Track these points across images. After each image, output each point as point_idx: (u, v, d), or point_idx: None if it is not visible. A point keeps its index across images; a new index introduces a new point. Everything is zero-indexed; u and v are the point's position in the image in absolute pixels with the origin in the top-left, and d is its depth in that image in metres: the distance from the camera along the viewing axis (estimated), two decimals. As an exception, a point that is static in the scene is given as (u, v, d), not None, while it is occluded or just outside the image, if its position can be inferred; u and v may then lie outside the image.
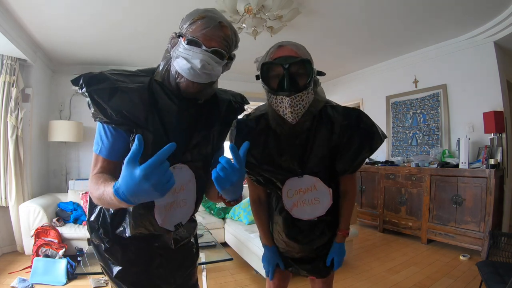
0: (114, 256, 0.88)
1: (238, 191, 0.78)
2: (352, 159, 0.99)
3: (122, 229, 0.86)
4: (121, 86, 0.75)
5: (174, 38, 0.80)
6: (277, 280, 1.34)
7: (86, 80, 0.73)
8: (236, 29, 0.83)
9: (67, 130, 3.38)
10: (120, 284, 0.87)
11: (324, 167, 0.99)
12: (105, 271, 0.91)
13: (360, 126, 0.96)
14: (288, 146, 0.97)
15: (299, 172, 0.99)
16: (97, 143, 0.80)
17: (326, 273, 1.19)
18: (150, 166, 0.56)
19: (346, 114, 0.97)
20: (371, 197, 3.97)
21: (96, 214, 0.89)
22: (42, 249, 2.52)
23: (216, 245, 2.30)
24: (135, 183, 0.56)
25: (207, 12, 0.77)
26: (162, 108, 0.80)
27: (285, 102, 0.85)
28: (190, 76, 0.76)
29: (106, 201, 0.66)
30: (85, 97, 0.74)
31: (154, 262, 0.91)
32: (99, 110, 0.73)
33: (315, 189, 1.01)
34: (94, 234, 0.89)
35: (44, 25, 2.70)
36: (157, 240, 0.91)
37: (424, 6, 2.57)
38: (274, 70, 0.86)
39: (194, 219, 1.05)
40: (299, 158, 0.98)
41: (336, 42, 3.40)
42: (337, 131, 0.96)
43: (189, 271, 1.03)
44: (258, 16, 2.45)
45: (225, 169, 0.70)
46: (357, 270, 2.61)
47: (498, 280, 1.55)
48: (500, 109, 3.01)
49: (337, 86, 5.07)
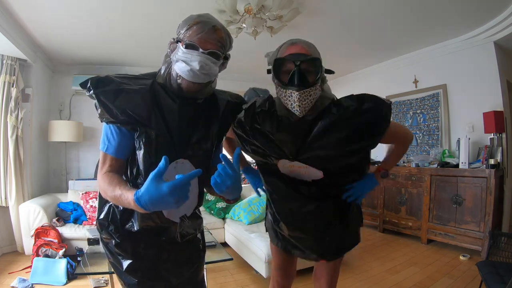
0: (125, 250, 0.93)
1: (235, 192, 0.84)
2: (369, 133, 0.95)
3: (131, 223, 0.91)
4: (125, 87, 0.82)
5: (173, 44, 0.87)
6: (281, 279, 1.35)
7: (93, 83, 0.80)
8: (229, 31, 0.90)
9: (67, 130, 3.38)
10: (131, 278, 0.92)
11: (315, 157, 0.99)
12: (114, 267, 0.95)
13: (365, 105, 0.94)
14: (288, 134, 0.99)
15: (290, 158, 1.02)
16: (103, 142, 0.86)
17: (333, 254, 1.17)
18: (176, 185, 0.67)
19: (347, 101, 0.96)
20: (371, 197, 3.97)
21: (105, 212, 0.94)
22: (42, 249, 2.52)
23: (216, 245, 2.30)
24: (159, 196, 0.67)
25: (201, 17, 0.84)
26: (164, 107, 0.86)
27: (294, 96, 0.88)
28: (190, 77, 0.83)
29: (122, 203, 0.76)
30: (92, 99, 0.81)
31: (162, 256, 0.97)
32: (106, 111, 0.80)
33: (306, 168, 1.03)
34: (104, 231, 0.95)
35: (44, 25, 2.70)
36: (164, 233, 0.96)
37: (424, 6, 2.57)
38: (286, 66, 0.90)
39: (199, 215, 1.10)
40: (296, 147, 0.99)
41: (336, 42, 3.40)
42: (340, 122, 0.94)
43: (196, 266, 1.08)
44: (258, 16, 2.45)
45: (221, 175, 0.78)
46: (357, 270, 2.61)
47: (498, 280, 1.55)
48: (500, 109, 3.01)
49: (337, 86, 5.06)
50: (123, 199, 0.74)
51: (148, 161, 0.84)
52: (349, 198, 1.09)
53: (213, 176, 0.79)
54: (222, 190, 0.79)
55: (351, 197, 1.09)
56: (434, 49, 3.57)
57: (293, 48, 0.91)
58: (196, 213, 1.06)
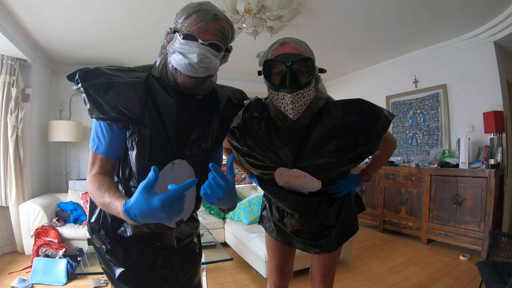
0: (117, 258, 0.87)
1: (229, 203, 0.78)
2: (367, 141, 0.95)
3: (123, 228, 0.85)
4: (116, 81, 0.74)
5: (169, 34, 0.79)
6: (278, 279, 1.34)
7: (82, 75, 0.73)
8: (231, 21, 0.83)
9: (67, 130, 3.38)
10: (123, 286, 0.86)
11: (315, 165, 0.98)
12: (107, 274, 0.90)
13: (366, 113, 0.92)
14: (285, 140, 0.97)
15: (289, 165, 1.00)
16: (93, 140, 0.79)
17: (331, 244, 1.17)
18: (169, 198, 0.59)
19: (348, 108, 0.93)
20: (371, 197, 3.97)
21: (96, 215, 0.89)
22: (42, 249, 2.52)
23: (216, 245, 2.30)
24: (150, 210, 0.60)
25: (202, 5, 0.77)
26: (160, 102, 0.79)
27: (286, 99, 0.85)
28: (187, 70, 0.75)
29: (111, 211, 0.70)
30: (80, 93, 0.74)
31: (157, 263, 0.91)
32: (95, 106, 0.73)
33: (305, 177, 1.02)
34: (95, 236, 0.89)
35: (44, 25, 2.70)
36: (159, 239, 0.91)
37: (424, 6, 2.57)
38: (276, 67, 0.86)
39: (196, 218, 1.05)
40: (294, 153, 0.97)
41: (336, 42, 3.40)
42: (340, 129, 0.93)
43: (192, 271, 1.02)
44: (258, 16, 2.45)
45: (211, 185, 0.70)
46: (357, 270, 2.60)
47: (498, 280, 1.54)
48: (500, 109, 3.01)
49: (337, 86, 5.07)
50: (112, 208, 0.68)
51: (141, 163, 0.77)
52: (337, 194, 1.13)
53: (203, 186, 0.71)
54: (213, 201, 0.72)
55: (338, 194, 1.13)
56: (434, 49, 3.57)
57: (284, 48, 0.86)
58: (193, 216, 1.00)
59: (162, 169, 0.79)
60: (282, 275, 1.33)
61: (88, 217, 0.91)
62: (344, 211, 1.17)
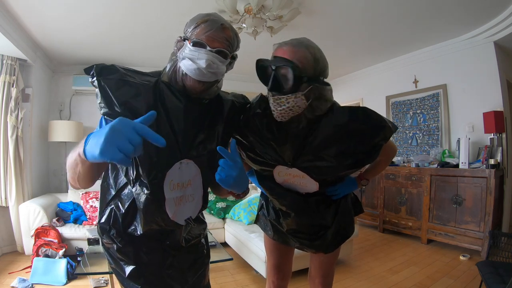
0: (127, 256, 0.90)
1: (243, 184, 0.84)
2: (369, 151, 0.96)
3: (133, 227, 0.88)
4: (129, 80, 0.79)
5: (179, 41, 0.85)
6: (276, 279, 1.34)
7: (98, 70, 0.77)
8: (236, 31, 0.88)
9: (67, 130, 3.38)
10: (133, 284, 0.89)
11: (314, 167, 0.99)
12: (117, 273, 0.92)
13: (370, 123, 0.94)
14: (286, 138, 0.97)
15: (288, 164, 1.00)
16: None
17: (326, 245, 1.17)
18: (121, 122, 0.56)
19: (353, 115, 0.94)
20: (371, 197, 3.97)
21: (107, 215, 0.90)
22: (42, 249, 2.52)
23: (216, 245, 2.30)
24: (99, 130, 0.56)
25: (209, 16, 0.83)
26: (168, 106, 0.84)
27: (270, 100, 0.89)
28: (196, 75, 0.80)
29: (78, 158, 0.66)
30: (94, 87, 0.77)
31: (166, 262, 0.94)
32: (106, 101, 0.76)
33: (303, 178, 1.03)
34: (106, 236, 0.91)
35: (44, 25, 2.70)
36: (168, 238, 0.94)
37: (424, 6, 2.57)
38: (267, 68, 0.89)
39: (203, 220, 1.08)
40: (294, 152, 0.98)
41: (336, 42, 3.40)
42: (343, 134, 0.94)
43: (201, 272, 1.05)
44: (258, 16, 2.45)
45: (224, 169, 0.78)
46: (357, 270, 2.61)
47: (498, 280, 1.55)
48: (500, 109, 3.01)
49: (337, 86, 5.07)
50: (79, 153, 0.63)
51: (149, 162, 0.79)
52: (334, 196, 1.13)
53: (217, 173, 0.78)
54: (230, 183, 0.79)
55: (336, 196, 1.13)
56: (434, 49, 3.57)
57: (278, 51, 0.88)
58: (200, 218, 1.04)
59: (170, 168, 0.84)
60: (280, 275, 1.33)
61: (98, 218, 0.94)
62: (341, 213, 1.16)
